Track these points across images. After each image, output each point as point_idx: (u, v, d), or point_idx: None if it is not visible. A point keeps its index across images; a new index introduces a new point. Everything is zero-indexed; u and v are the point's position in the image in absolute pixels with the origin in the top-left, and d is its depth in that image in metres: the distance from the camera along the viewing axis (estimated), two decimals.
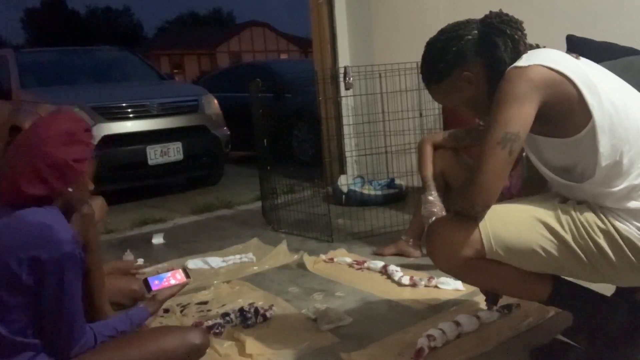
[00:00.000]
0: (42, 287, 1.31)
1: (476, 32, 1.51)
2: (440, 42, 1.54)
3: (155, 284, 1.70)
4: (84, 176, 1.45)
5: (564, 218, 1.44)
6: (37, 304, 1.33)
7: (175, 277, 1.74)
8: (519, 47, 1.47)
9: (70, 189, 1.41)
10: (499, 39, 1.47)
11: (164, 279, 1.72)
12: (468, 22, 1.54)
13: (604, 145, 1.37)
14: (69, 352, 1.38)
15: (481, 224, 1.47)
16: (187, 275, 1.76)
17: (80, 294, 1.39)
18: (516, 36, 1.47)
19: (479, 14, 1.55)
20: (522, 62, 1.42)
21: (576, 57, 1.48)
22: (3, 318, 1.32)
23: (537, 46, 1.51)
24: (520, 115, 1.37)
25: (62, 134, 1.39)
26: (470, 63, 1.51)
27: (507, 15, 1.51)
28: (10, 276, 1.29)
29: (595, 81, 1.40)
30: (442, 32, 1.55)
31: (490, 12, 1.52)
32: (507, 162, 1.40)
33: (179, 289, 1.74)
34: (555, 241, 1.44)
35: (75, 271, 1.34)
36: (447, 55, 1.52)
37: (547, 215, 1.46)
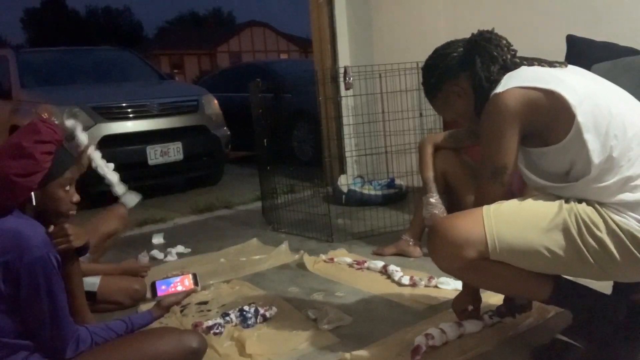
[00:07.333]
0: (18, 292, 1.30)
1: (461, 49, 1.64)
2: (431, 60, 1.70)
3: (162, 289, 1.69)
4: (48, 190, 1.42)
5: (569, 217, 1.45)
6: (18, 308, 1.32)
7: (183, 283, 1.72)
8: (497, 64, 1.56)
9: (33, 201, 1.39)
10: (478, 57, 1.58)
11: (171, 284, 1.71)
12: (457, 41, 1.68)
13: (592, 142, 1.41)
14: (63, 352, 1.37)
15: (486, 225, 1.48)
16: (196, 283, 1.75)
17: (64, 295, 1.37)
18: (495, 53, 1.57)
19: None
20: (500, 87, 1.50)
21: (558, 65, 1.55)
22: None
23: (533, 60, 1.57)
24: (504, 147, 1.48)
25: (10, 147, 1.39)
26: (457, 78, 1.64)
27: (491, 33, 1.62)
28: None
29: (574, 84, 1.46)
30: (435, 50, 1.71)
31: (478, 30, 1.64)
32: (501, 192, 1.52)
33: (184, 296, 1.72)
34: (562, 241, 1.45)
35: (49, 274, 1.33)
36: (436, 71, 1.66)
37: (553, 215, 1.47)
